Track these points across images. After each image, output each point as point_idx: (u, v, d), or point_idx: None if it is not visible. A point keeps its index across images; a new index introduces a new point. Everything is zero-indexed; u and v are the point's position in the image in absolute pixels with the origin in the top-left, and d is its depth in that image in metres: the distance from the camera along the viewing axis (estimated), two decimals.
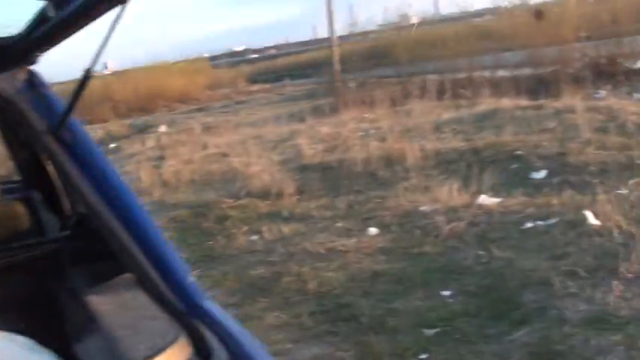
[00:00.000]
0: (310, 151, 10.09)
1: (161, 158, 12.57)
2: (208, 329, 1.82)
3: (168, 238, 6.38)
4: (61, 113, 2.29)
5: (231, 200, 8.41)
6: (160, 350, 1.67)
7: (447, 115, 11.44)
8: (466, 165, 7.85)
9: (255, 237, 7.15)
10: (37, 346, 2.03)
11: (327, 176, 8.79)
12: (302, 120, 14.58)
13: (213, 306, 1.97)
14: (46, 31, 2.04)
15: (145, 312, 1.91)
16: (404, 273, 5.53)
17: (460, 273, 5.34)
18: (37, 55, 2.35)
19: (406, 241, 6.19)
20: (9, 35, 2.25)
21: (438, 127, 10.18)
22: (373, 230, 6.56)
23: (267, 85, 29.71)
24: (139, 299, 2.00)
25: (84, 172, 2.19)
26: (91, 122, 24.08)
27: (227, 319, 1.92)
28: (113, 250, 2.17)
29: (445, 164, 8.25)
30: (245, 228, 7.43)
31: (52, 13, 1.86)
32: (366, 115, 12.92)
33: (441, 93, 13.33)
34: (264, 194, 8.36)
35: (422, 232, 6.29)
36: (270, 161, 9.95)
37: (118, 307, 2.02)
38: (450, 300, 4.97)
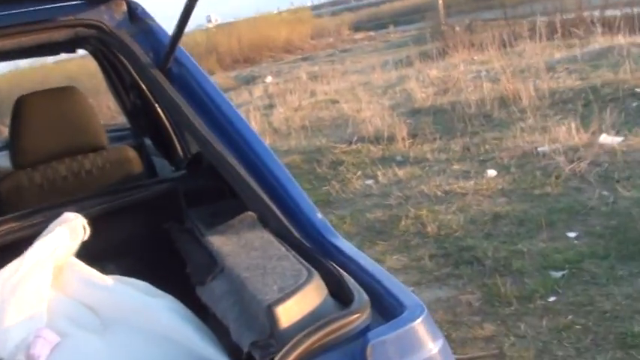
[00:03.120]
0: (421, 94, 9.92)
1: (270, 106, 12.60)
2: (342, 268, 1.66)
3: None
4: (167, 45, 2.20)
5: (343, 145, 8.38)
6: (293, 291, 1.51)
7: (559, 55, 11.00)
8: (583, 104, 7.56)
9: (369, 181, 7.12)
10: (156, 291, 1.98)
11: (440, 119, 8.64)
12: (410, 65, 14.33)
13: (344, 244, 1.81)
14: None
15: (271, 251, 1.76)
16: (526, 214, 5.41)
17: (585, 214, 5.19)
18: None
19: (526, 182, 6.04)
20: None
21: (551, 67, 9.80)
22: (491, 172, 6.42)
23: (372, 33, 29.12)
24: (264, 238, 1.86)
25: (196, 106, 2.11)
26: None
27: (362, 257, 1.74)
28: (232, 189, 2.08)
29: (561, 104, 7.95)
30: (359, 172, 7.41)
31: None
32: (476, 58, 12.61)
33: (551, 33, 12.84)
34: (376, 139, 8.29)
35: (542, 172, 6.12)
36: (380, 106, 9.84)
37: (241, 247, 1.84)
38: (576, 241, 4.84)
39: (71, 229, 2.07)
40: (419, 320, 1.44)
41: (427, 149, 7.61)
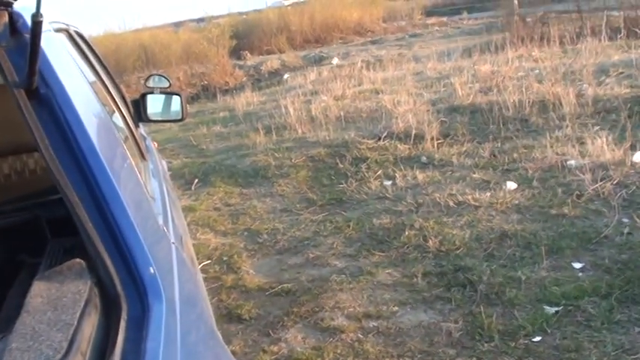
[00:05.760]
0: (464, 90, 9.42)
1: (315, 93, 12.27)
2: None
3: (303, 177, 6.04)
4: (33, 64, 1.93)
5: (371, 141, 7.99)
6: None
7: (617, 57, 10.24)
8: (627, 116, 6.95)
9: (387, 182, 6.74)
10: None
11: (476, 120, 8.15)
12: (469, 56, 13.80)
13: (157, 312, 1.56)
14: None
15: (65, 315, 1.57)
16: (535, 237, 4.96)
17: (597, 243, 4.71)
18: None
19: (545, 199, 5.57)
20: None
21: (604, 70, 9.13)
22: (511, 184, 5.96)
23: (444, 18, 28.49)
24: (76, 294, 1.66)
25: (55, 132, 1.82)
26: (268, 52, 24.31)
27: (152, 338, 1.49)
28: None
29: (604, 113, 7.36)
30: (380, 172, 7.04)
31: None
32: (534, 53, 12.00)
33: (616, 32, 12.12)
34: (406, 136, 7.88)
35: (564, 190, 5.63)
36: (420, 100, 9.39)
37: (47, 303, 1.65)
38: (580, 274, 4.38)
39: None
40: None
41: (454, 152, 7.18)
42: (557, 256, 4.66)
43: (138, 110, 4.07)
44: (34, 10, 1.58)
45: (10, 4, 1.89)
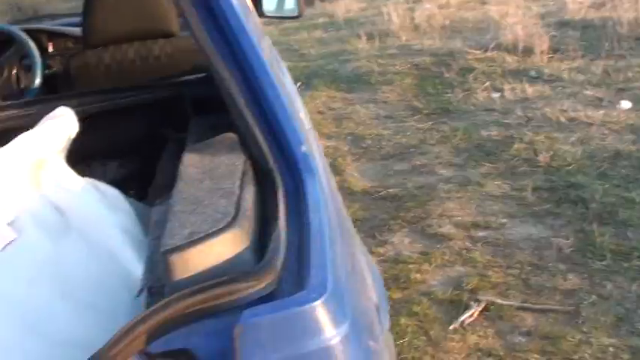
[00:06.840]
0: (575, 5, 9.11)
1: (419, 0, 12.04)
2: (288, 216, 1.41)
3: (407, 85, 5.98)
4: None
5: (478, 51, 7.85)
6: (201, 239, 1.30)
7: None
8: None
9: (495, 94, 6.64)
10: (121, 203, 1.92)
11: (588, 35, 7.90)
12: None
13: (313, 186, 1.54)
14: None
15: (223, 184, 1.57)
16: None
17: None
18: None
19: None
20: None
21: None
22: (626, 103, 5.81)
23: None
24: (231, 166, 1.68)
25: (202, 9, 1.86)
26: None
27: (315, 206, 1.46)
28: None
29: None
30: (487, 83, 6.92)
31: None
32: None
33: None
34: (514, 48, 7.70)
35: None
36: (529, 13, 9.14)
37: (203, 172, 1.66)
38: None
39: (61, 124, 2.02)
40: (308, 306, 1.14)
41: (565, 67, 7.00)
42: None
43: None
44: None
45: None
